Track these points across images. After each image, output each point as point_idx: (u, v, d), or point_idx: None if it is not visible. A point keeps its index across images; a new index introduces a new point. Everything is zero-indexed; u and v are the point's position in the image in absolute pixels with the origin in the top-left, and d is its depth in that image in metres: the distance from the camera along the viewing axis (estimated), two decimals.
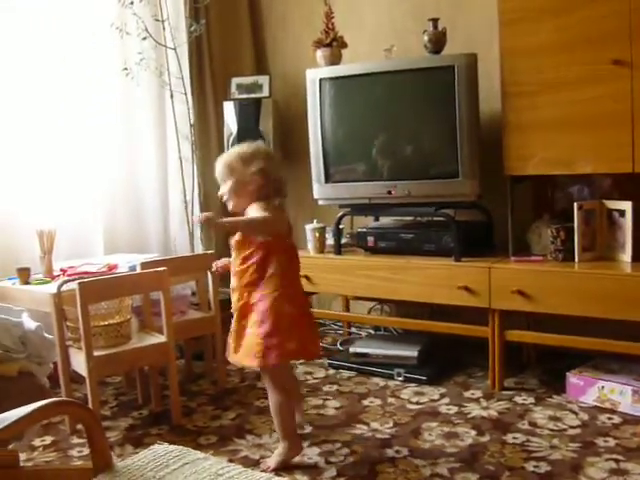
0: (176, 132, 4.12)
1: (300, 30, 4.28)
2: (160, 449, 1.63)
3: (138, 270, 3.18)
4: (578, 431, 2.78)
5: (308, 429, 2.93)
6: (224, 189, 2.61)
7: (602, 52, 2.93)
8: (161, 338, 3.06)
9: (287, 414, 2.61)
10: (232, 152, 2.64)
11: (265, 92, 4.21)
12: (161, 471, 1.52)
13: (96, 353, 2.84)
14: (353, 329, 4.26)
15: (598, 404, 3.01)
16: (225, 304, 3.61)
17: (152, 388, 3.27)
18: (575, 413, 2.96)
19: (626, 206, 3.09)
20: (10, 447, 2.19)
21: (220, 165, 2.62)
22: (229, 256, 2.69)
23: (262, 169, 2.55)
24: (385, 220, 3.90)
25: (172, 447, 1.64)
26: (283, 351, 2.50)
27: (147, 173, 4.22)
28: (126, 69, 3.85)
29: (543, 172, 3.17)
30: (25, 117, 3.61)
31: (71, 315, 2.93)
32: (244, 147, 2.64)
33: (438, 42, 3.43)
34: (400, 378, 3.44)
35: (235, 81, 4.28)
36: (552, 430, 2.80)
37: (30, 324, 2.49)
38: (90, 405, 2.83)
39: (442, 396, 3.23)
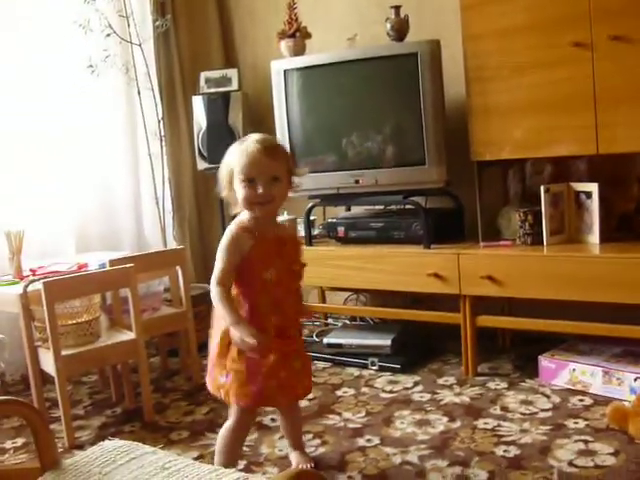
0: (145, 129, 4.08)
1: (268, 22, 4.23)
2: (109, 445, 1.62)
3: (107, 268, 3.16)
4: (549, 414, 2.78)
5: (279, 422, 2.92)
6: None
7: (563, 35, 2.90)
8: (130, 335, 3.04)
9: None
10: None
11: (234, 85, 4.15)
12: (107, 467, 1.51)
13: (64, 352, 2.82)
14: (330, 320, 4.25)
15: (570, 386, 3.01)
16: (197, 300, 3.61)
17: (125, 386, 3.26)
18: (547, 396, 2.95)
19: (592, 188, 3.08)
20: None
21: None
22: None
23: None
24: (357, 210, 3.88)
25: (121, 442, 1.63)
26: None
27: (118, 170, 4.19)
28: (91, 66, 3.80)
29: (508, 156, 3.15)
30: None
31: (39, 315, 2.91)
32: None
33: (401, 29, 3.41)
34: (374, 367, 3.42)
35: (204, 75, 4.22)
36: (523, 414, 2.79)
37: None
38: (60, 405, 2.82)
39: (415, 384, 3.22)
